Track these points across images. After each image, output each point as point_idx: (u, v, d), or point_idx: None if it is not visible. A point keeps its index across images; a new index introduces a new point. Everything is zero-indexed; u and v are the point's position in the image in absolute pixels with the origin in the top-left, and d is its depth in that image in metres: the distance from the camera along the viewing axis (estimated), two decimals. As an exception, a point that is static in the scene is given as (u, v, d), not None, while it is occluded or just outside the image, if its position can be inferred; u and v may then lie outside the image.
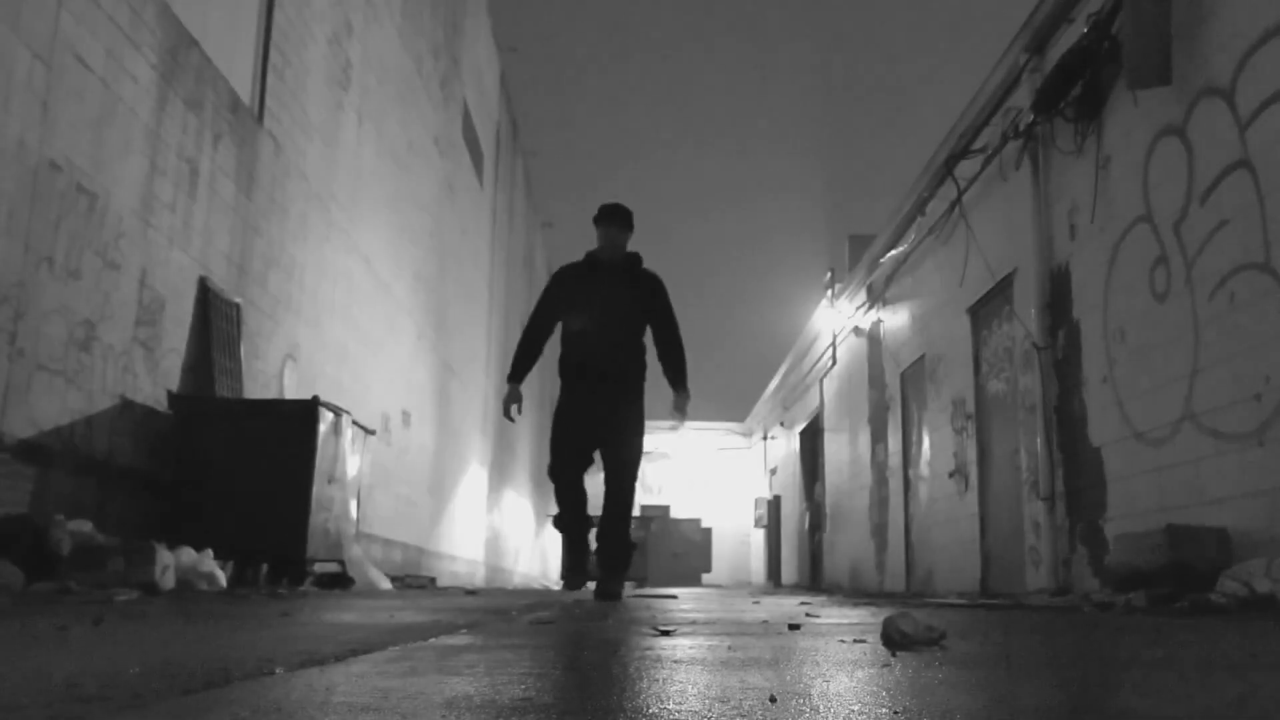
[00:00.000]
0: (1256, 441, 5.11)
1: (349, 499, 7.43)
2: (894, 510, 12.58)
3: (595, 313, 6.08)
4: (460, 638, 2.38)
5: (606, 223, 6.25)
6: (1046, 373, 7.71)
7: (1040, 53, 7.91)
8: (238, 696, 1.23)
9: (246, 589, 5.97)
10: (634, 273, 6.26)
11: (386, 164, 12.06)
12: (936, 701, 1.27)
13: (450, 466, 16.18)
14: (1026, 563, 8.04)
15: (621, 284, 6.15)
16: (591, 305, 6.10)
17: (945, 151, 9.89)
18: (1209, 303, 5.58)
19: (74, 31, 5.38)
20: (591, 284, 6.15)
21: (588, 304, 6.11)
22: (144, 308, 6.24)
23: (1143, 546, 5.52)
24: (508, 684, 1.45)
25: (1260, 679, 1.65)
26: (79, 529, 4.94)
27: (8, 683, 1.32)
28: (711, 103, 78.26)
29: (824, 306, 16.62)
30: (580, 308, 6.14)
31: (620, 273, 6.19)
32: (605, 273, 6.17)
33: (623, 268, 6.22)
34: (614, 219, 6.20)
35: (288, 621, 2.86)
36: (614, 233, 6.19)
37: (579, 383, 6.12)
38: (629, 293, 6.15)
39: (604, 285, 6.13)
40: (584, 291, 6.16)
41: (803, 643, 2.34)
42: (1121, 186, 6.67)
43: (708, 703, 1.24)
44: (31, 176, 5.05)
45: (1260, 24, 5.22)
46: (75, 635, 2.13)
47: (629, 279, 6.21)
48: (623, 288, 6.14)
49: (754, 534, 27.67)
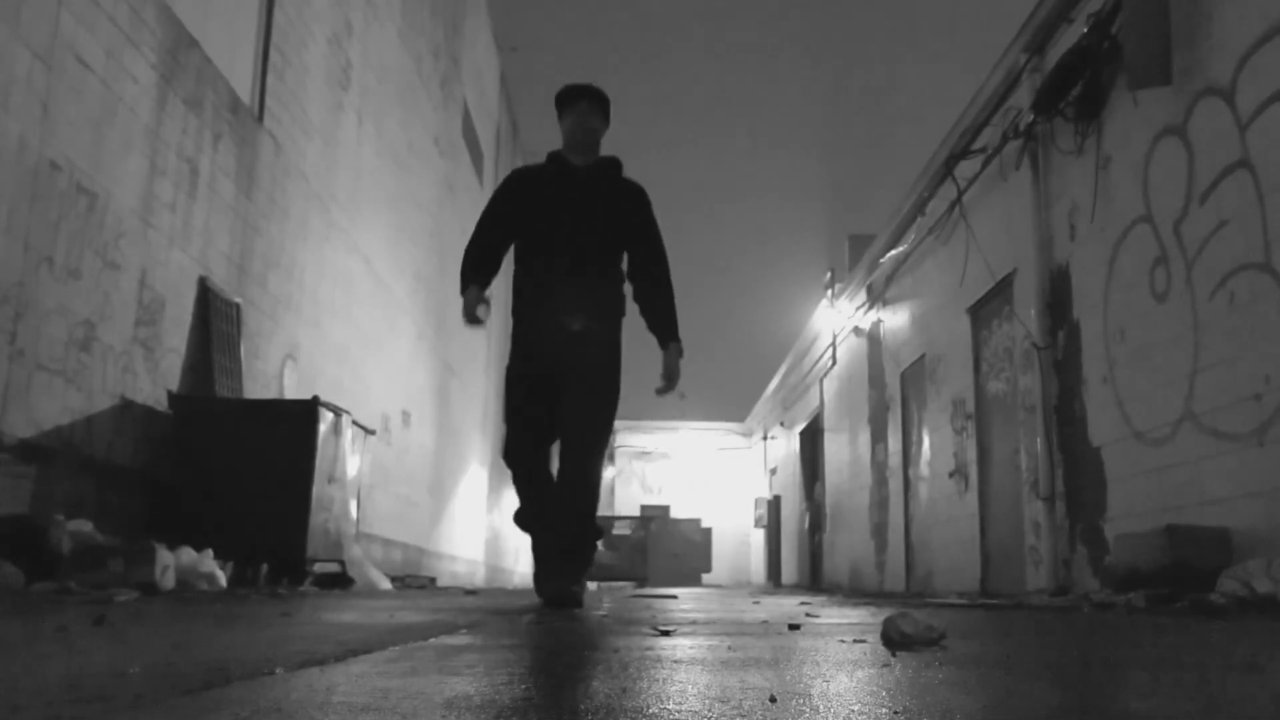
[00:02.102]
0: (1256, 441, 5.11)
1: (349, 499, 7.43)
2: (894, 510, 12.58)
3: (561, 232, 4.52)
4: (460, 638, 2.38)
5: (573, 105, 4.61)
6: (1046, 373, 7.71)
7: (1040, 53, 7.91)
8: (238, 696, 1.23)
9: (246, 589, 5.97)
10: (613, 182, 4.67)
11: (386, 164, 12.05)
12: (936, 701, 1.27)
13: (450, 466, 16.19)
14: (1026, 563, 8.04)
15: (596, 195, 4.59)
16: (556, 222, 4.54)
17: (945, 151, 9.89)
18: (1209, 303, 5.58)
19: (74, 31, 5.38)
20: (556, 193, 4.59)
21: (551, 221, 4.55)
22: (144, 308, 6.24)
23: (1143, 546, 5.52)
24: (508, 684, 1.45)
25: (1261, 679, 1.65)
26: (79, 529, 4.94)
27: (8, 683, 1.32)
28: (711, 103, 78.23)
29: (824, 306, 16.62)
30: (541, 225, 4.56)
31: (595, 181, 4.63)
32: (575, 179, 4.61)
33: (599, 174, 4.65)
34: (584, 98, 4.60)
35: (288, 621, 2.86)
36: (586, 119, 4.59)
37: (537, 327, 4.56)
38: (606, 208, 4.58)
39: (573, 196, 4.58)
40: (546, 203, 4.59)
41: (803, 643, 2.34)
42: (1121, 186, 6.67)
43: (708, 703, 1.24)
44: (31, 176, 5.05)
45: (1260, 24, 5.22)
46: (75, 635, 2.13)
47: (606, 190, 4.63)
48: (598, 201, 4.58)
49: (754, 534, 27.67)
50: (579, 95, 4.59)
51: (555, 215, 4.55)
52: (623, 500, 30.03)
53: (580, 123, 4.58)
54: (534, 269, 4.59)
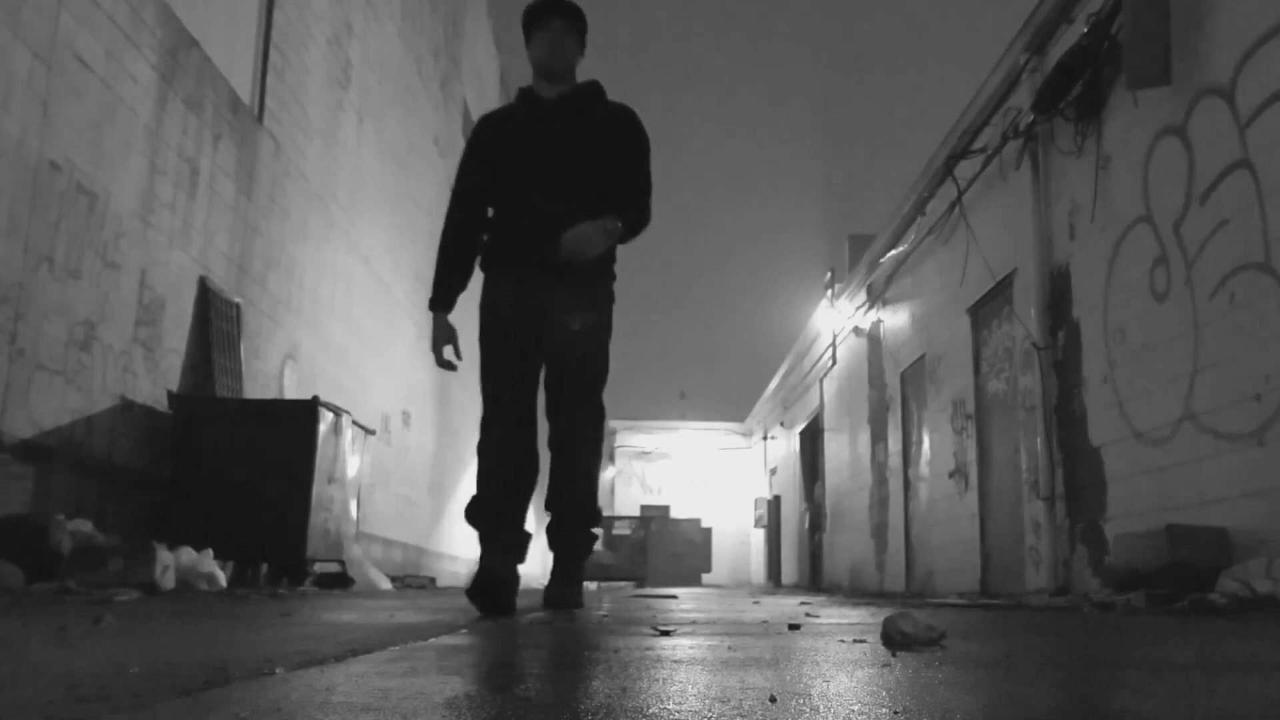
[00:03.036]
0: (1256, 441, 5.11)
1: (349, 499, 7.43)
2: (894, 510, 12.59)
3: (536, 173, 3.90)
4: (460, 638, 2.38)
5: (543, 25, 3.94)
6: (1046, 373, 7.71)
7: (1040, 53, 7.91)
8: (238, 696, 1.23)
9: (246, 589, 5.97)
10: (593, 111, 4.02)
11: (386, 164, 12.06)
12: (936, 701, 1.27)
13: (450, 466, 16.19)
14: (1026, 563, 8.04)
15: (574, 134, 3.95)
16: (530, 162, 3.93)
17: (945, 151, 9.89)
18: (1209, 303, 5.58)
19: (74, 31, 5.38)
20: (529, 131, 3.96)
21: (524, 161, 3.94)
22: (144, 308, 6.24)
23: (1143, 546, 5.52)
24: (508, 684, 1.45)
25: (1261, 679, 1.65)
26: (79, 529, 4.94)
27: (7, 683, 1.32)
28: (712, 104, 78.25)
29: (824, 306, 16.62)
30: (514, 168, 3.95)
31: (572, 111, 3.97)
32: (549, 112, 3.96)
33: (574, 105, 3.99)
34: (557, 16, 3.95)
35: (288, 621, 2.86)
36: (559, 40, 3.93)
37: (513, 283, 3.92)
38: (585, 146, 3.94)
39: (548, 131, 3.93)
40: (519, 144, 3.96)
41: (803, 643, 2.34)
42: (1121, 186, 6.67)
43: (708, 703, 1.24)
44: (31, 176, 5.05)
45: (1260, 24, 5.22)
46: (75, 635, 2.13)
47: (586, 124, 3.97)
48: (575, 139, 3.95)
49: (754, 534, 27.67)
50: (550, 11, 3.93)
51: (526, 164, 3.92)
52: (623, 500, 30.02)
53: (552, 45, 3.91)
54: (504, 230, 3.98)
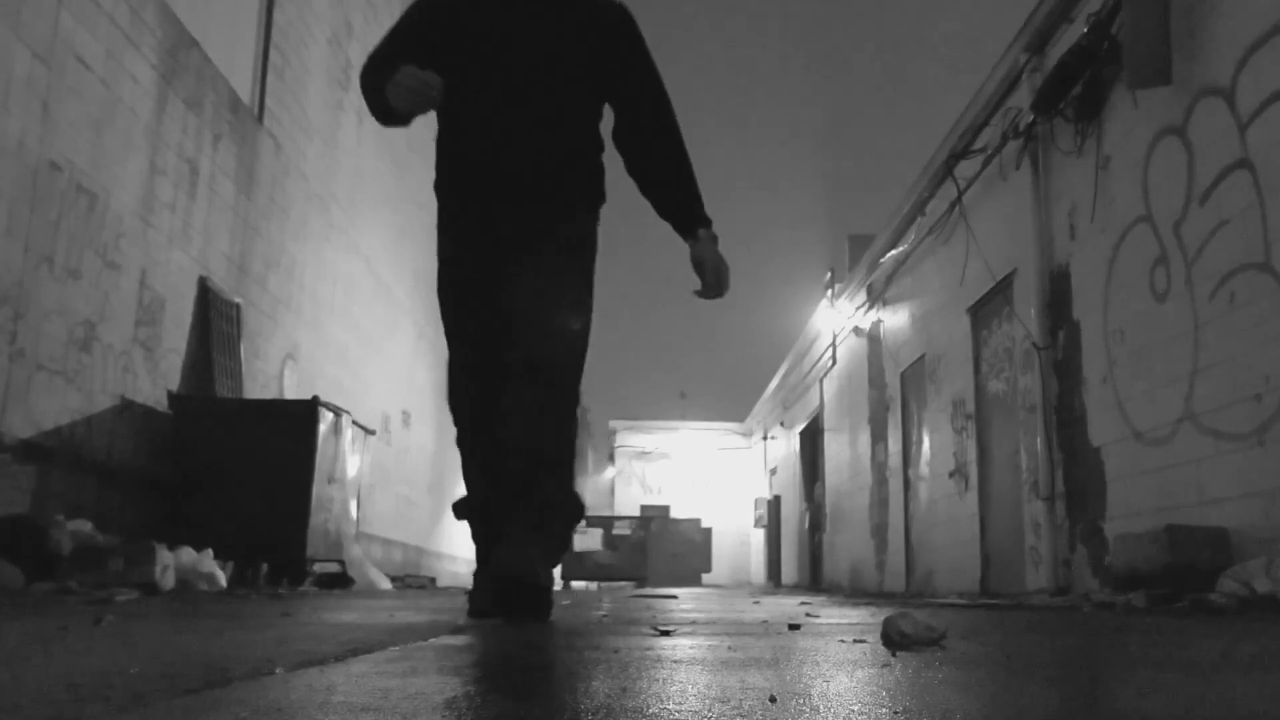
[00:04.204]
0: (1256, 441, 5.11)
1: (349, 499, 7.43)
2: (894, 510, 12.59)
3: (504, 68, 3.08)
4: (460, 638, 2.38)
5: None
6: (1046, 373, 7.71)
7: (1040, 53, 7.91)
8: (238, 696, 1.23)
9: (246, 589, 5.97)
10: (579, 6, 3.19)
11: (386, 164, 12.06)
12: (936, 701, 1.27)
13: (450, 466, 16.18)
14: (1026, 563, 8.04)
15: (553, 15, 3.14)
16: (496, 54, 3.09)
17: (945, 151, 9.89)
18: (1209, 303, 5.58)
19: (74, 31, 5.38)
20: (496, 16, 3.11)
21: (488, 53, 3.09)
22: (144, 308, 6.24)
23: (1143, 547, 5.52)
24: (508, 684, 1.45)
25: (1261, 679, 1.65)
26: (79, 529, 4.94)
27: (7, 683, 1.32)
28: (712, 103, 78.33)
29: (824, 306, 16.62)
30: (474, 61, 3.08)
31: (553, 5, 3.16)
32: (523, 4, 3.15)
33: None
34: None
35: (288, 621, 2.86)
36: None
37: (475, 205, 3.13)
38: (568, 33, 3.14)
39: (520, 17, 3.11)
40: (481, 30, 3.10)
41: (803, 643, 2.34)
42: (1121, 186, 6.66)
43: (708, 703, 1.24)
44: (31, 176, 5.05)
45: (1260, 24, 5.22)
46: (75, 635, 2.13)
47: (570, 17, 3.16)
48: (557, 23, 3.13)
49: (754, 534, 27.67)
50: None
51: (496, 44, 3.09)
52: (623, 500, 30.03)
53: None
54: (463, 137, 3.14)
